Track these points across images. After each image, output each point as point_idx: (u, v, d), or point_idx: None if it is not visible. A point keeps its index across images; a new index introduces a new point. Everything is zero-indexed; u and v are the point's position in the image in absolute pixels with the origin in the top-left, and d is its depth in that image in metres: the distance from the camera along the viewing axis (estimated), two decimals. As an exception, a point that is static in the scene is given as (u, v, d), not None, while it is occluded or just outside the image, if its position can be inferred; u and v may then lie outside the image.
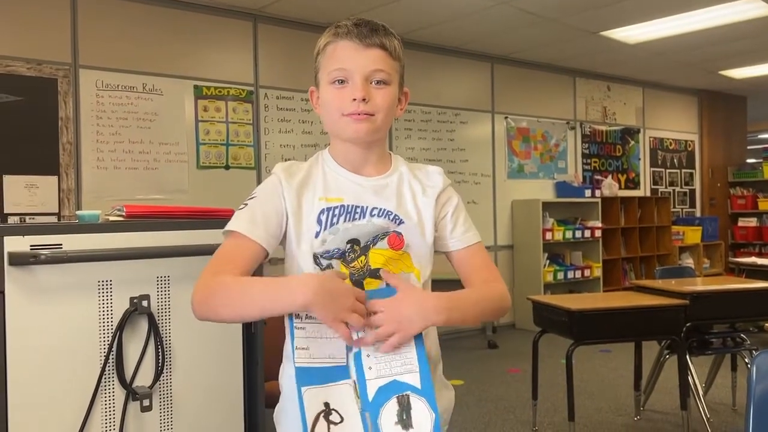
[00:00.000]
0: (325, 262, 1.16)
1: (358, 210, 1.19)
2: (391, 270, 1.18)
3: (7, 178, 3.79)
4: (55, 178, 3.97)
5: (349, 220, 1.18)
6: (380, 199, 1.21)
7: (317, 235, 1.17)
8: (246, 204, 1.21)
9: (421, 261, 1.23)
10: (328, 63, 1.20)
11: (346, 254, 1.17)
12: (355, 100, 1.15)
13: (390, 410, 1.05)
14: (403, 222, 1.21)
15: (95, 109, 4.11)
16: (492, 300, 1.21)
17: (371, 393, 1.06)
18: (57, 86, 3.99)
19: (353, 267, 1.16)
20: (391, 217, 1.20)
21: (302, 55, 4.95)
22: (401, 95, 1.25)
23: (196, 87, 4.52)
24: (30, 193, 3.88)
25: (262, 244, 1.16)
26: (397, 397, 1.06)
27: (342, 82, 1.18)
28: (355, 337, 1.07)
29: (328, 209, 1.19)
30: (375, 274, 1.17)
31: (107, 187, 4.12)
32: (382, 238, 1.18)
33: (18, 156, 3.84)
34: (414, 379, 1.07)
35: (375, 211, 1.20)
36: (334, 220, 1.18)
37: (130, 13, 4.24)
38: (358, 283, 1.16)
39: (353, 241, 1.17)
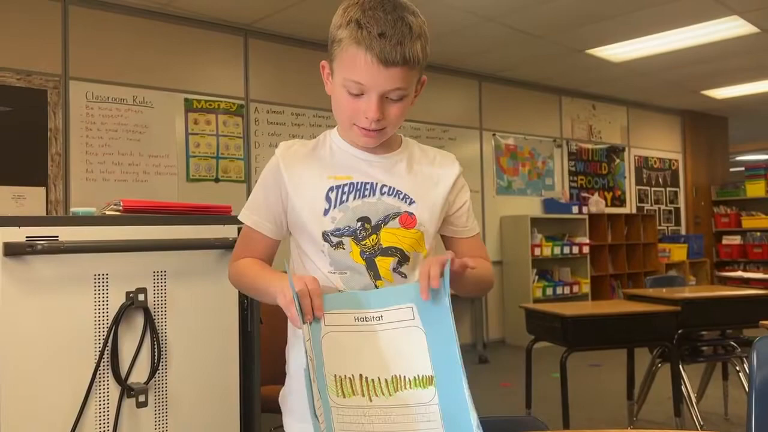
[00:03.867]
0: (335, 240, 1.16)
1: (368, 187, 1.18)
2: (405, 249, 1.18)
3: (-6, 189, 3.75)
4: (43, 190, 3.93)
5: (358, 198, 1.17)
6: (390, 177, 1.21)
7: (326, 213, 1.17)
8: (255, 188, 1.26)
9: (430, 242, 1.23)
10: (344, 66, 1.11)
11: (357, 232, 1.16)
12: (368, 118, 1.12)
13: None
14: (414, 202, 1.20)
15: (85, 121, 4.09)
16: (490, 273, 1.30)
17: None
18: (46, 97, 3.97)
19: (364, 245, 1.16)
20: (401, 196, 1.19)
21: (292, 70, 4.99)
22: (418, 86, 1.20)
23: (186, 100, 4.52)
24: (17, 204, 3.83)
25: (270, 236, 1.23)
26: None
27: (357, 90, 1.11)
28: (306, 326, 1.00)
29: (337, 187, 1.18)
30: (386, 252, 1.17)
31: (96, 198, 4.08)
32: (394, 218, 1.18)
33: (5, 166, 3.80)
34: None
35: (385, 189, 1.19)
36: (344, 197, 1.17)
37: (121, 25, 4.25)
38: (369, 261, 1.16)
39: (364, 219, 1.17)
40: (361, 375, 0.99)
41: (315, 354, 0.99)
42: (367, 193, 1.18)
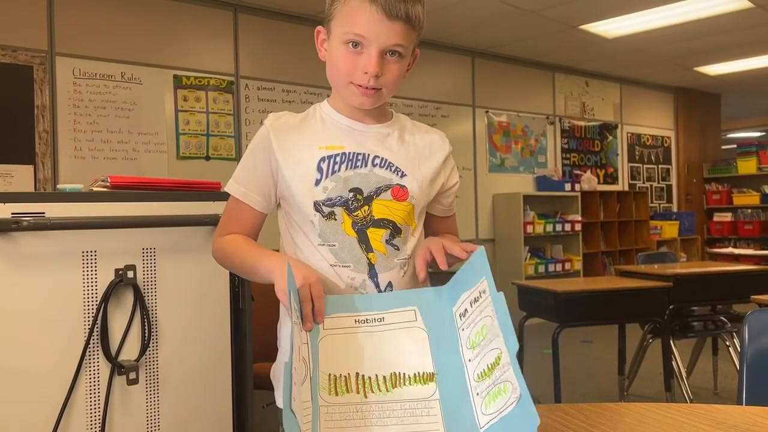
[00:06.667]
0: (326, 210, 1.15)
1: (360, 157, 1.18)
2: (398, 222, 1.18)
3: (-19, 167, 3.70)
4: (31, 168, 3.88)
5: (350, 168, 1.17)
6: (382, 148, 1.20)
7: (317, 183, 1.15)
8: (243, 159, 1.23)
9: (420, 215, 1.23)
10: (345, 20, 1.11)
11: (349, 202, 1.15)
12: (366, 73, 1.11)
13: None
14: (405, 175, 1.20)
15: (72, 98, 4.03)
16: None
17: None
18: (33, 74, 3.90)
19: (356, 216, 1.16)
20: (393, 168, 1.19)
21: (283, 46, 4.92)
22: (411, 57, 1.21)
23: (175, 77, 4.45)
24: (5, 182, 3.78)
25: (258, 209, 1.21)
26: None
27: (356, 45, 1.11)
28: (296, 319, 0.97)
29: (329, 157, 1.17)
30: (378, 224, 1.17)
31: (85, 176, 4.03)
32: (386, 190, 1.18)
33: (-8, 144, 3.75)
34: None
35: (377, 160, 1.18)
36: (336, 167, 1.16)
37: (108, 0, 4.17)
38: (361, 232, 1.16)
39: (356, 190, 1.16)
40: (357, 373, 0.96)
41: (311, 355, 0.96)
42: (359, 164, 1.17)
